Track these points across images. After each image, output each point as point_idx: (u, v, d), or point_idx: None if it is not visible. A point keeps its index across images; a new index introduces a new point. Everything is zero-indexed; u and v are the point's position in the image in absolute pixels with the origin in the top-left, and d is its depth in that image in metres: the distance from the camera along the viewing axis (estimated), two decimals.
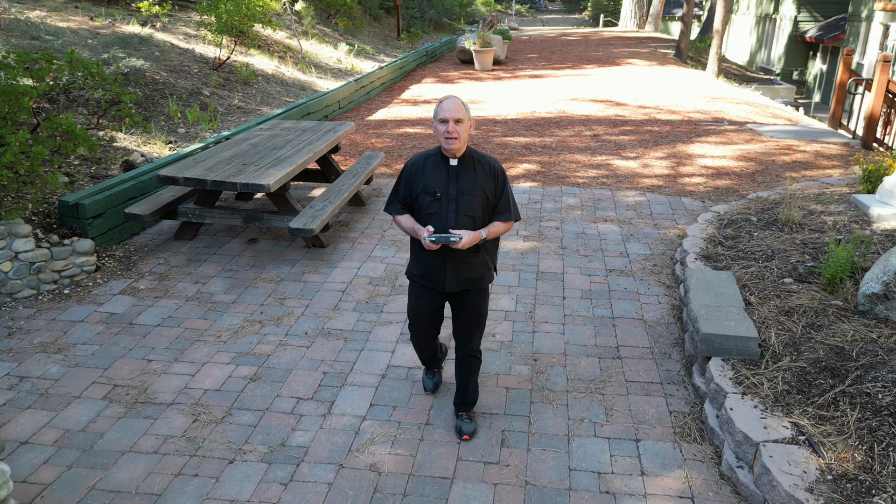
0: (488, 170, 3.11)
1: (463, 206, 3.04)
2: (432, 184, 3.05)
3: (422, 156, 3.14)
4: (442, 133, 2.97)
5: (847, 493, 2.62)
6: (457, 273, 3.12)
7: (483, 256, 3.16)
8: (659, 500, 2.93)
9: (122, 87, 5.67)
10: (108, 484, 3.02)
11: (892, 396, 2.98)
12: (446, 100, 2.99)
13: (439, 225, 3.05)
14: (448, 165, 3.06)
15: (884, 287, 3.68)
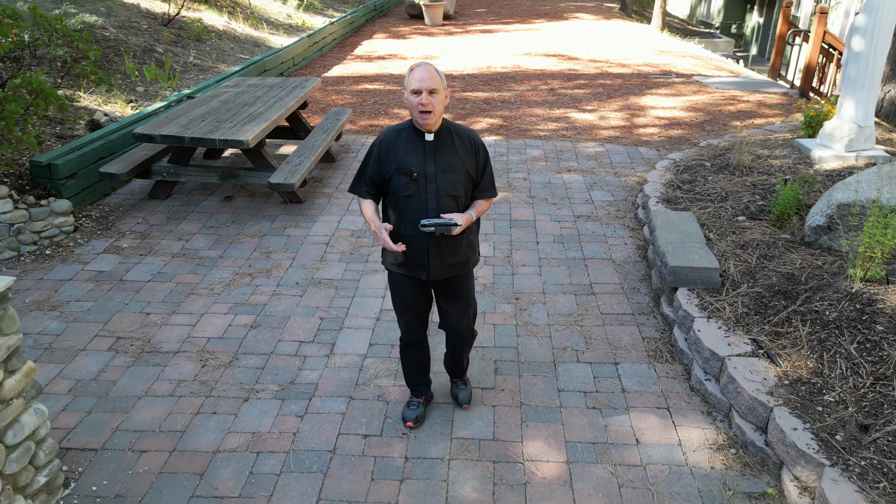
0: (469, 144, 2.81)
1: (444, 186, 2.74)
2: (407, 163, 2.71)
3: (392, 131, 2.78)
4: (415, 106, 2.62)
5: (802, 395, 3.03)
6: (441, 259, 2.84)
7: (468, 238, 2.91)
8: (639, 412, 3.30)
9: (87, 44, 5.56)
10: (131, 425, 3.19)
11: (837, 312, 3.40)
12: (417, 68, 2.63)
13: (418, 208, 2.73)
14: (424, 141, 2.72)
15: (827, 220, 4.11)
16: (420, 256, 2.81)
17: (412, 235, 2.78)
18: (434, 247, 2.80)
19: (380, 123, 8.07)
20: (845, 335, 3.26)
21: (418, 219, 2.74)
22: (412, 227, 2.77)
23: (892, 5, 5.16)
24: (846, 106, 5.54)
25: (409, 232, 2.79)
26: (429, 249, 2.80)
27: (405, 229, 2.79)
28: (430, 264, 2.83)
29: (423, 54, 12.60)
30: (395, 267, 2.92)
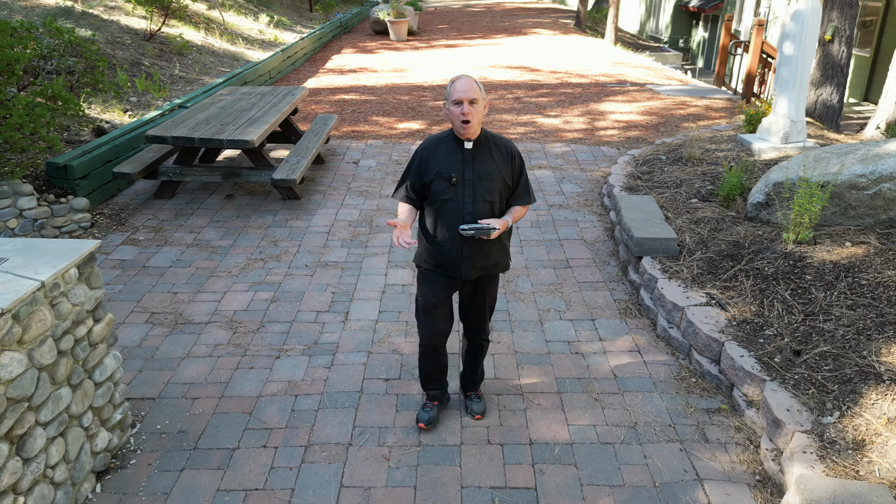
0: (505, 153, 2.97)
1: (480, 191, 2.89)
2: (447, 168, 2.89)
3: (434, 139, 2.98)
4: (457, 115, 2.80)
5: (747, 332, 3.68)
6: (474, 260, 2.98)
7: (501, 242, 3.05)
8: (615, 355, 3.91)
9: (97, 55, 5.97)
10: (179, 379, 3.65)
11: (774, 268, 4.08)
12: (459, 80, 2.80)
13: (455, 212, 2.89)
14: (463, 149, 2.91)
15: (765, 196, 4.82)
16: (455, 257, 2.95)
17: (448, 237, 2.92)
18: (468, 249, 2.93)
19: (361, 129, 8.62)
20: (781, 285, 3.94)
21: (455, 221, 2.88)
22: (448, 229, 2.91)
23: (815, 14, 5.98)
24: (780, 103, 6.34)
25: (445, 234, 2.93)
26: (462, 251, 2.94)
27: (442, 231, 2.94)
28: (464, 265, 2.96)
29: (393, 67, 13.21)
30: (429, 265, 3.04)
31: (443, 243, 2.95)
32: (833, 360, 3.30)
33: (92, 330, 2.90)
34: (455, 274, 2.99)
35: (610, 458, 3.10)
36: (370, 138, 8.24)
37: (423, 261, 3.08)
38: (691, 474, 3.00)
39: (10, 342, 2.38)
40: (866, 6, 15.15)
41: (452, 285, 3.08)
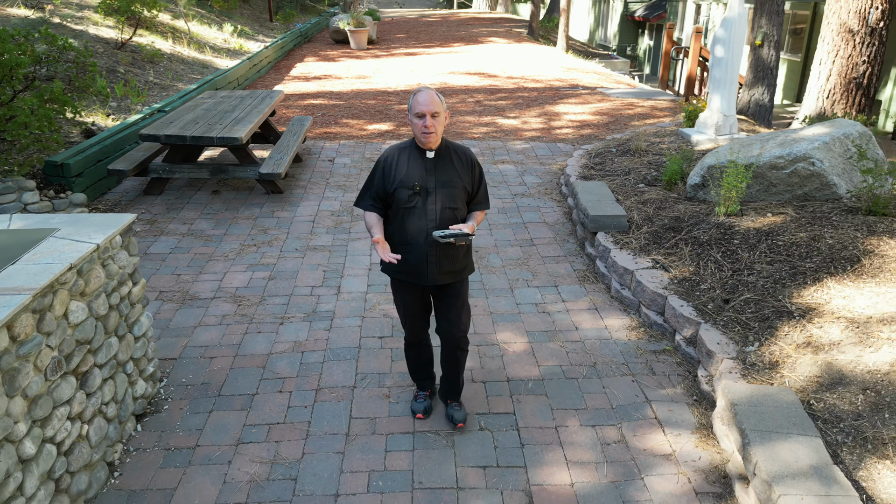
0: (466, 161, 3.08)
1: (443, 199, 2.98)
2: (410, 177, 2.96)
3: (395, 149, 3.05)
4: (420, 128, 2.89)
5: (685, 287, 4.34)
6: (440, 266, 3.05)
7: (467, 247, 3.16)
8: (576, 312, 4.53)
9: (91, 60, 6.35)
10: (196, 343, 4.11)
11: (708, 236, 4.77)
12: (420, 93, 2.88)
13: (419, 218, 2.97)
14: (425, 158, 2.99)
15: (701, 179, 5.53)
16: (420, 263, 3.02)
17: (413, 245, 3.00)
18: (433, 255, 3.01)
19: (332, 131, 9.12)
20: (713, 249, 4.62)
21: (419, 229, 2.97)
22: (412, 237, 2.99)
23: (742, 20, 6.78)
24: (714, 100, 7.12)
25: (409, 241, 3.01)
26: (428, 257, 3.01)
27: (406, 239, 3.01)
28: (430, 271, 3.03)
29: (356, 74, 13.73)
30: (397, 273, 3.13)
31: (407, 251, 3.02)
32: (754, 305, 3.98)
33: (131, 291, 3.36)
34: (421, 281, 3.06)
35: (574, 389, 3.70)
36: (342, 139, 8.76)
37: (389, 269, 3.16)
38: (641, 398, 3.62)
39: (76, 293, 2.84)
40: (796, 14, 16.38)
41: (422, 292, 3.19)
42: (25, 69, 5.39)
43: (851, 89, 8.40)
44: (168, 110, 8.00)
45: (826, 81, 8.60)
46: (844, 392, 3.13)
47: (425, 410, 3.43)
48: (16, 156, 5.34)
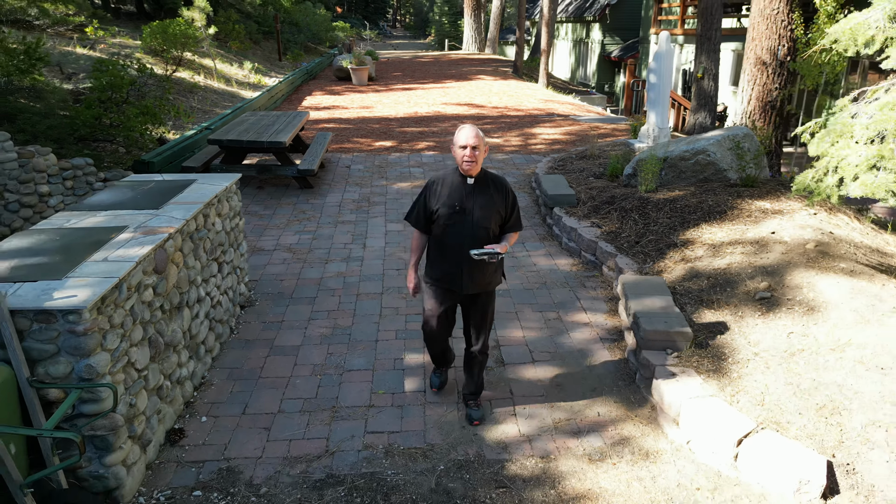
0: (501, 189, 3.50)
1: (479, 219, 3.39)
2: (452, 199, 3.39)
3: (441, 174, 3.53)
4: (461, 157, 3.33)
5: (611, 236, 6.16)
6: (472, 277, 3.43)
7: (497, 263, 3.52)
8: (536, 257, 6.33)
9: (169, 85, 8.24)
10: (268, 273, 5.88)
11: (631, 206, 6.62)
12: (465, 128, 3.35)
13: (457, 234, 3.39)
14: (466, 184, 3.42)
15: (632, 170, 7.41)
16: (455, 273, 3.47)
17: (451, 256, 3.43)
18: (468, 266, 3.44)
19: (346, 146, 11.02)
20: (634, 213, 6.47)
21: (458, 243, 3.40)
22: (451, 250, 3.44)
23: (669, 55, 8.77)
24: (650, 116, 9.08)
25: (448, 253, 3.45)
26: (463, 268, 3.44)
27: (446, 250, 3.46)
28: (464, 281, 3.47)
29: (360, 105, 15.72)
30: (435, 280, 3.58)
31: (446, 261, 3.47)
32: (654, 243, 5.81)
33: (238, 223, 5.15)
34: (455, 287, 3.50)
35: (530, 294, 5.50)
36: (355, 152, 10.65)
37: (428, 276, 3.62)
38: (574, 298, 5.42)
39: (218, 213, 4.64)
40: (738, 50, 18.62)
41: (453, 298, 3.59)
42: (127, 88, 7.26)
43: (768, 110, 10.39)
44: (213, 128, 9.87)
45: (748, 105, 10.60)
46: (697, 281, 4.95)
47: (440, 385, 4.03)
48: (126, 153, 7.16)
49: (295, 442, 3.65)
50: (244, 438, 3.68)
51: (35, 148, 6.38)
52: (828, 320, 4.11)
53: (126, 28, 16.11)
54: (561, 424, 3.81)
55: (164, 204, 4.28)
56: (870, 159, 3.70)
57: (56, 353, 2.87)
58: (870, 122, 3.85)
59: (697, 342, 4.24)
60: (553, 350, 4.62)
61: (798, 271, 4.63)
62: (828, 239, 5.09)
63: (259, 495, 3.24)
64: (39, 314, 2.82)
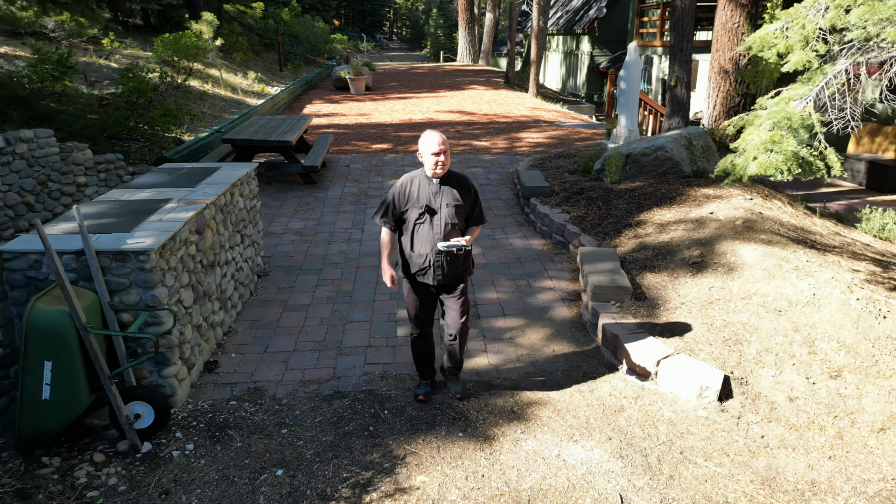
0: (464, 187, 3.75)
1: (447, 216, 3.66)
2: (421, 199, 3.66)
3: (408, 177, 3.76)
4: (434, 163, 3.59)
5: (578, 220, 7.08)
6: (444, 270, 3.73)
7: (465, 254, 3.83)
8: (513, 239, 7.24)
9: (185, 91, 9.16)
10: (280, 251, 6.78)
11: (597, 195, 7.54)
12: (432, 136, 3.59)
13: (428, 231, 3.66)
14: (432, 184, 3.69)
15: (601, 165, 8.35)
16: (428, 267, 3.75)
17: (422, 251, 3.72)
18: (439, 260, 3.73)
19: (345, 149, 11.94)
20: (599, 201, 7.39)
21: (428, 240, 3.68)
22: (422, 246, 3.72)
23: (637, 64, 9.74)
24: (621, 119, 10.03)
25: (420, 249, 3.74)
26: (434, 262, 3.73)
27: (417, 247, 3.74)
28: (436, 273, 3.76)
29: (358, 112, 16.67)
30: (412, 275, 3.86)
31: (418, 256, 3.76)
32: (613, 224, 6.73)
33: (255, 204, 6.05)
34: (429, 280, 3.80)
35: (506, 266, 6.40)
36: (353, 153, 11.57)
37: (405, 272, 3.92)
38: (542, 269, 6.32)
39: (241, 193, 5.54)
40: None
41: (430, 290, 3.90)
42: (151, 93, 8.18)
43: (731, 114, 11.36)
44: (224, 130, 10.80)
45: (713, 110, 11.59)
46: (644, 252, 5.86)
47: (426, 395, 4.12)
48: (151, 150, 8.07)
49: (308, 370, 4.54)
50: (266, 368, 4.56)
51: (73, 144, 7.28)
52: (742, 276, 5.02)
53: (135, 40, 17.05)
54: (522, 357, 4.70)
55: (198, 184, 5.18)
56: (766, 143, 4.62)
57: (129, 285, 3.76)
58: (770, 113, 4.78)
59: (636, 295, 5.15)
60: (521, 307, 5.52)
61: (725, 242, 5.55)
62: (756, 217, 6.02)
63: (281, 405, 4.12)
64: (117, 254, 3.71)
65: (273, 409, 4.07)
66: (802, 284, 4.77)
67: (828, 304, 4.55)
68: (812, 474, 3.46)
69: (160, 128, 7.84)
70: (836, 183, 12.93)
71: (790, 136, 4.66)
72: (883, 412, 3.81)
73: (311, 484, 3.40)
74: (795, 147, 4.62)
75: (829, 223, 7.18)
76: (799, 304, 4.61)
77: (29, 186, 6.86)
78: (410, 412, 4.03)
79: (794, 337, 4.36)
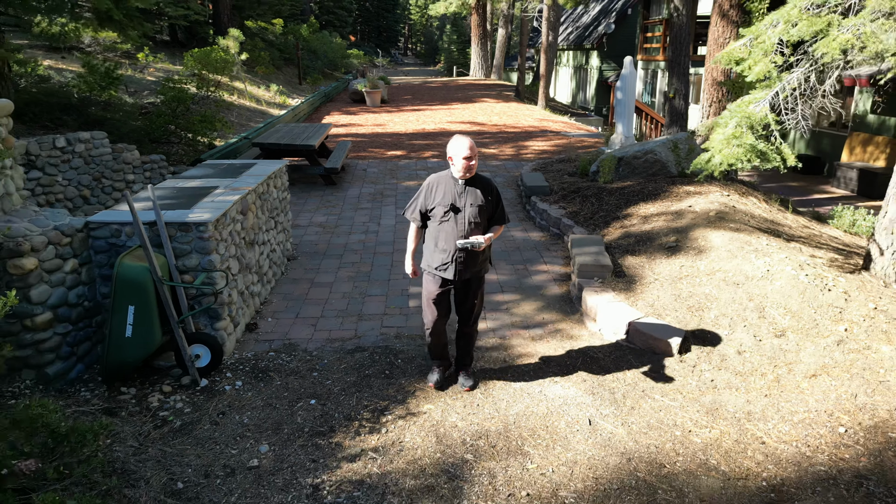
0: (487, 188, 3.96)
1: (469, 215, 3.87)
2: (447, 198, 3.87)
3: (436, 177, 3.99)
4: (463, 167, 3.81)
5: (572, 214, 7.86)
6: (464, 265, 3.92)
7: (485, 252, 4.02)
8: (515, 231, 8.03)
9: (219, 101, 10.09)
10: (305, 240, 7.61)
11: (592, 193, 8.32)
12: (463, 140, 3.80)
13: (452, 229, 3.86)
14: (458, 185, 3.90)
15: (597, 167, 9.13)
16: (449, 263, 3.95)
17: (446, 247, 3.91)
18: (461, 257, 3.93)
19: (362, 155, 12.82)
20: (593, 198, 8.17)
21: (452, 237, 3.90)
22: (446, 242, 3.93)
23: (632, 76, 10.54)
24: (618, 127, 10.82)
25: (443, 245, 3.93)
26: (455, 258, 3.92)
27: (441, 243, 3.95)
28: (457, 269, 3.96)
29: (374, 123, 17.58)
30: (432, 269, 4.06)
31: (441, 252, 3.97)
32: (604, 217, 7.50)
33: (286, 196, 6.90)
34: (449, 274, 3.99)
35: (506, 254, 7.19)
36: (370, 159, 12.45)
37: (427, 265, 4.12)
38: (539, 257, 7.10)
39: (274, 185, 6.39)
40: None
41: (448, 283, 4.08)
42: (190, 101, 9.09)
43: None
44: (251, 137, 11.71)
45: (707, 119, 12.33)
46: (627, 239, 6.63)
47: (437, 382, 4.38)
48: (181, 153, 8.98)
49: (333, 331, 5.34)
50: (298, 329, 5.37)
51: (123, 145, 8.19)
52: (709, 257, 5.78)
53: (164, 55, 18.11)
54: (516, 323, 5.48)
55: (239, 175, 6.04)
56: (729, 138, 5.40)
57: (190, 251, 4.59)
58: (733, 114, 5.56)
59: (617, 273, 5.92)
60: (518, 286, 6.30)
61: (699, 229, 6.32)
62: (728, 210, 6.78)
63: (311, 356, 4.93)
64: (182, 225, 4.55)
65: (305, 359, 4.87)
66: (759, 262, 5.52)
67: (779, 278, 5.30)
68: (749, 407, 4.20)
69: (198, 132, 8.73)
70: (828, 190, 13.65)
71: (749, 132, 5.45)
72: (817, 363, 4.55)
73: (338, 409, 4.20)
74: (754, 141, 5.40)
75: (802, 219, 7.91)
76: (755, 278, 5.35)
77: (86, 182, 7.76)
78: (419, 362, 4.81)
79: (747, 304, 5.11)
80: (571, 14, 37.81)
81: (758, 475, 3.60)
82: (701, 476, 3.60)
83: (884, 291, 5.26)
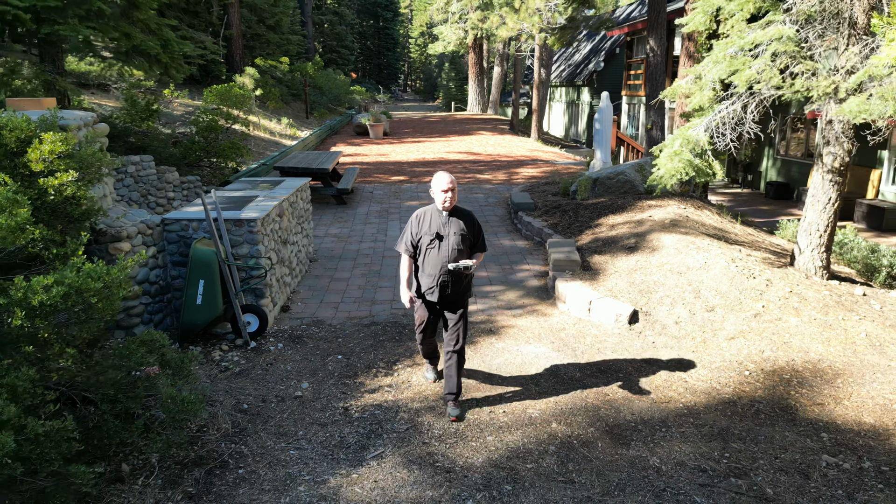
0: (469, 220, 4.40)
1: (453, 243, 4.30)
2: (433, 227, 4.31)
3: (422, 210, 4.42)
4: (443, 199, 4.25)
5: (553, 224, 9.13)
6: (450, 288, 4.36)
7: (468, 279, 4.48)
8: (504, 240, 9.30)
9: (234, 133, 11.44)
10: (323, 247, 8.87)
11: (570, 209, 9.61)
12: (442, 176, 4.26)
13: (438, 256, 4.29)
14: (442, 216, 4.34)
15: (576, 187, 10.44)
16: (435, 287, 4.39)
17: (433, 273, 4.36)
18: (446, 281, 4.36)
19: (368, 180, 14.16)
20: (570, 212, 9.46)
21: (438, 262, 4.32)
22: (433, 268, 4.36)
23: (608, 110, 11.94)
24: (597, 153, 12.19)
25: (431, 271, 4.38)
26: (441, 282, 4.36)
27: (429, 269, 4.39)
28: (443, 291, 4.39)
29: (377, 153, 18.99)
30: (422, 293, 4.50)
31: (428, 276, 4.40)
32: (577, 227, 8.78)
33: (309, 208, 8.18)
34: (434, 298, 4.41)
35: (496, 258, 8.44)
36: (376, 183, 13.79)
37: (416, 290, 4.53)
38: (523, 259, 8.35)
39: (300, 197, 7.67)
40: None
41: (435, 307, 4.49)
42: (220, 132, 10.45)
43: None
44: (268, 163, 13.06)
45: None
46: (596, 243, 7.89)
47: (433, 378, 5.06)
48: (210, 176, 10.29)
49: (352, 312, 6.56)
50: (323, 310, 6.59)
51: (165, 168, 9.51)
52: (660, 254, 7.04)
53: (184, 91, 19.62)
54: (501, 305, 6.71)
55: (273, 188, 7.32)
56: (671, 155, 6.70)
57: (241, 242, 5.84)
58: (676, 137, 6.88)
59: (584, 267, 7.17)
60: (504, 280, 7.54)
61: (655, 233, 7.59)
62: (681, 219, 8.06)
63: (335, 328, 6.14)
64: (236, 221, 5.81)
65: (331, 330, 6.09)
66: (699, 256, 6.78)
67: (715, 268, 6.55)
68: (679, 359, 5.42)
69: (228, 157, 10.06)
70: (795, 213, 14.96)
71: (687, 150, 6.76)
72: (736, 329, 5.77)
73: (359, 361, 5.41)
74: (691, 157, 6.71)
75: (750, 229, 9.19)
76: (694, 268, 6.61)
77: (135, 198, 9.05)
78: None
79: (686, 288, 6.35)
80: (564, 52, 39.75)
81: (677, 401, 4.81)
82: (635, 401, 4.80)
83: (803, 281, 6.52)
